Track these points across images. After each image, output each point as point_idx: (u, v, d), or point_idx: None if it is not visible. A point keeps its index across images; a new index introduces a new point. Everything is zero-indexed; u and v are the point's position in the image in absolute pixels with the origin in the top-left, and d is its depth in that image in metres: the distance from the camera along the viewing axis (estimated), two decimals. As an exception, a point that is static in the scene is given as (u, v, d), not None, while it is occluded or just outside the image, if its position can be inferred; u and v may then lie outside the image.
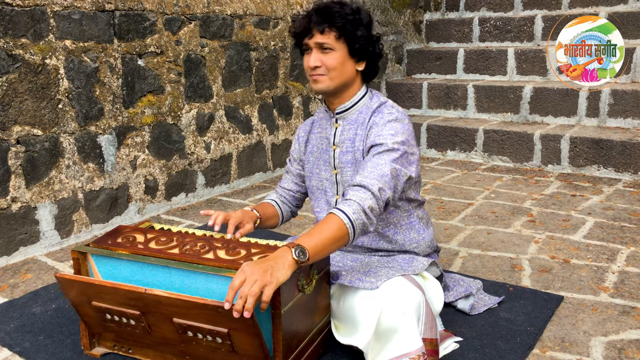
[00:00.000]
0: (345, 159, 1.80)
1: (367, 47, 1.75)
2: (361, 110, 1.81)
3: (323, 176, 1.88)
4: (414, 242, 1.83)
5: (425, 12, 5.49)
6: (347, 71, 1.74)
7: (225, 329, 1.41)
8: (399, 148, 1.66)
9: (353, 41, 1.71)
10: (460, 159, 4.29)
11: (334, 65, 1.71)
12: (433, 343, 1.55)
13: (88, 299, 1.58)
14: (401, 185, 1.65)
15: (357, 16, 1.72)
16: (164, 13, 3.06)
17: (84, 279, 1.57)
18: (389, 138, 1.67)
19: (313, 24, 1.70)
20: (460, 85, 4.58)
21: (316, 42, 1.71)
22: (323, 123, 1.91)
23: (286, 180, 2.05)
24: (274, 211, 1.98)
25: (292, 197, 2.04)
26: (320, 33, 1.69)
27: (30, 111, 2.52)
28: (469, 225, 2.87)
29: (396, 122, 1.71)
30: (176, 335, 1.53)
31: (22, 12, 2.46)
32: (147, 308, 1.50)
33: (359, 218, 1.51)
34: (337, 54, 1.71)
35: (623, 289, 2.15)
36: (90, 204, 2.81)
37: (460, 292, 1.96)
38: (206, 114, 3.38)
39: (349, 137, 1.80)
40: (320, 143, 1.90)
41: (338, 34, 1.69)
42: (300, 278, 1.50)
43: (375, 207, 1.55)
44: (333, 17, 1.68)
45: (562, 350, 1.75)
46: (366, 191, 1.56)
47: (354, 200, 1.54)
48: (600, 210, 3.03)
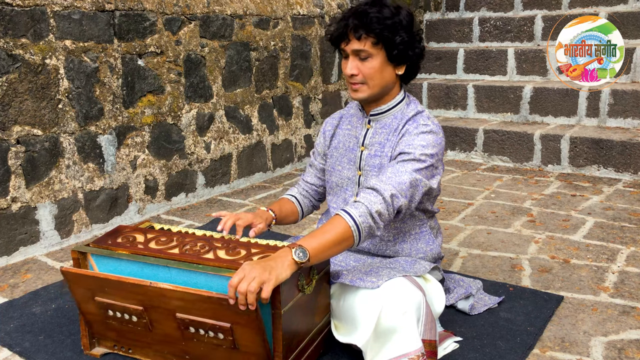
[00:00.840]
0: (372, 163, 1.77)
1: (407, 52, 1.68)
2: (396, 116, 1.77)
3: (345, 174, 1.84)
4: (421, 252, 1.83)
5: (425, 12, 5.49)
6: (386, 77, 1.70)
7: (228, 324, 1.42)
8: (425, 160, 1.63)
9: (392, 47, 1.65)
10: (460, 159, 4.29)
11: (371, 73, 1.67)
12: (432, 344, 1.55)
13: (92, 294, 1.59)
14: (419, 195, 1.63)
15: (396, 19, 1.64)
16: (164, 13, 3.06)
17: (89, 272, 1.59)
18: (419, 149, 1.63)
19: (350, 29, 1.65)
20: (460, 85, 4.58)
21: (353, 49, 1.66)
22: (354, 121, 1.87)
23: (309, 174, 2.02)
24: (292, 208, 1.95)
25: (314, 192, 2.02)
26: (357, 39, 1.64)
27: (30, 111, 2.52)
28: (469, 225, 2.87)
29: (430, 135, 1.67)
30: (178, 332, 1.53)
31: (22, 12, 2.46)
32: (151, 302, 1.51)
33: (365, 221, 1.50)
34: (375, 61, 1.66)
35: (623, 289, 2.15)
36: (90, 204, 2.81)
37: (461, 294, 1.96)
38: (206, 114, 3.38)
39: (379, 141, 1.77)
40: (347, 140, 1.86)
41: (376, 40, 1.63)
42: (300, 278, 1.50)
43: (384, 212, 1.53)
44: (370, 23, 1.62)
45: (562, 350, 1.75)
46: (377, 195, 1.54)
47: (363, 202, 1.52)
48: (600, 210, 3.03)
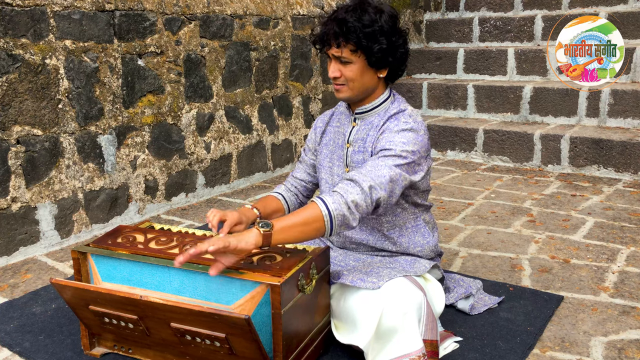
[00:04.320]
0: (357, 159, 1.80)
1: (387, 58, 1.70)
2: (379, 114, 1.80)
3: (335, 171, 1.87)
4: (419, 245, 1.83)
5: (425, 12, 5.49)
6: (366, 81, 1.73)
7: (223, 334, 1.41)
8: (407, 156, 1.64)
9: (370, 54, 1.67)
10: (460, 159, 4.29)
11: (352, 77, 1.70)
12: (433, 344, 1.55)
13: (85, 303, 1.58)
14: (400, 189, 1.64)
15: (376, 26, 1.65)
16: (164, 13, 3.06)
17: (79, 284, 1.54)
18: (400, 145, 1.65)
19: (330, 35, 1.68)
20: (460, 85, 4.58)
21: (333, 55, 1.70)
22: (342, 118, 1.90)
23: (299, 170, 2.04)
24: (278, 205, 1.95)
25: (303, 187, 2.03)
26: (337, 47, 1.67)
27: (30, 111, 2.52)
28: (469, 225, 2.87)
29: (410, 132, 1.68)
30: (175, 338, 1.53)
31: (22, 12, 2.46)
32: (144, 313, 1.50)
33: (338, 209, 1.51)
34: (355, 66, 1.69)
35: (623, 289, 2.15)
36: (90, 204, 2.81)
37: (461, 293, 1.97)
38: (206, 114, 3.38)
39: (362, 137, 1.80)
40: (336, 137, 1.89)
41: (354, 47, 1.66)
42: (300, 278, 1.50)
43: (361, 203, 1.54)
44: (348, 32, 1.64)
45: (562, 350, 1.75)
46: (355, 185, 1.55)
47: (339, 192, 1.54)
48: (600, 210, 3.03)
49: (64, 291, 1.57)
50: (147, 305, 1.45)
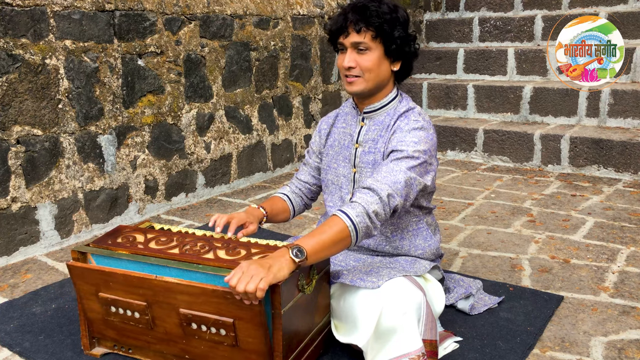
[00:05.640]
0: (367, 159, 1.78)
1: (404, 47, 1.71)
2: (388, 113, 1.78)
3: (341, 172, 1.85)
4: (420, 248, 1.83)
5: (425, 12, 5.49)
6: (382, 72, 1.72)
7: (231, 319, 1.43)
8: (419, 156, 1.64)
9: (390, 41, 1.67)
10: (460, 159, 4.29)
11: (369, 66, 1.68)
12: (433, 344, 1.55)
13: (96, 290, 1.60)
14: (414, 193, 1.63)
15: (394, 15, 1.67)
16: (164, 13, 3.06)
17: (95, 267, 1.59)
18: (412, 145, 1.64)
19: (349, 22, 1.66)
20: (460, 85, 4.58)
21: (352, 42, 1.67)
22: (348, 119, 1.88)
23: (303, 172, 2.02)
24: (284, 206, 1.95)
25: (307, 190, 2.02)
26: (357, 32, 1.65)
27: (30, 111, 2.52)
28: (469, 225, 2.87)
29: (421, 131, 1.68)
30: (179, 329, 1.54)
31: (22, 12, 2.46)
32: (155, 297, 1.51)
33: (362, 221, 1.50)
34: (373, 54, 1.68)
35: (623, 289, 2.15)
36: (90, 204, 2.81)
37: (461, 294, 1.96)
38: (206, 114, 3.38)
39: (373, 138, 1.78)
40: (342, 138, 1.87)
41: (375, 33, 1.65)
42: (300, 278, 1.50)
43: (380, 212, 1.54)
44: (370, 16, 1.64)
45: (562, 350, 1.75)
46: (374, 195, 1.54)
47: (360, 203, 1.52)
48: (600, 210, 3.03)
49: (79, 274, 1.59)
50: (160, 286, 1.48)
